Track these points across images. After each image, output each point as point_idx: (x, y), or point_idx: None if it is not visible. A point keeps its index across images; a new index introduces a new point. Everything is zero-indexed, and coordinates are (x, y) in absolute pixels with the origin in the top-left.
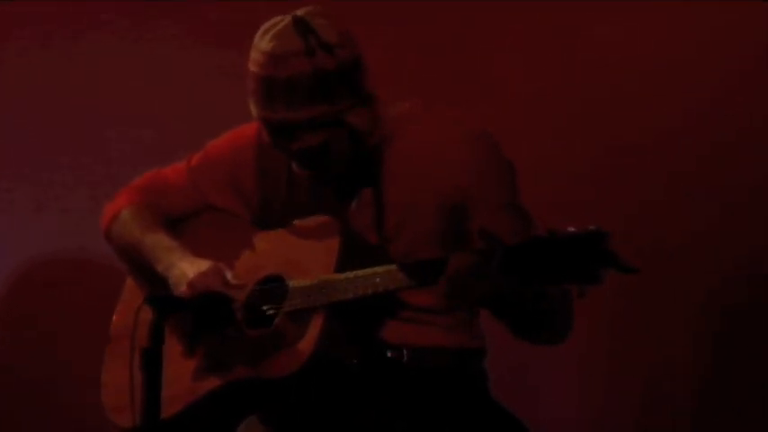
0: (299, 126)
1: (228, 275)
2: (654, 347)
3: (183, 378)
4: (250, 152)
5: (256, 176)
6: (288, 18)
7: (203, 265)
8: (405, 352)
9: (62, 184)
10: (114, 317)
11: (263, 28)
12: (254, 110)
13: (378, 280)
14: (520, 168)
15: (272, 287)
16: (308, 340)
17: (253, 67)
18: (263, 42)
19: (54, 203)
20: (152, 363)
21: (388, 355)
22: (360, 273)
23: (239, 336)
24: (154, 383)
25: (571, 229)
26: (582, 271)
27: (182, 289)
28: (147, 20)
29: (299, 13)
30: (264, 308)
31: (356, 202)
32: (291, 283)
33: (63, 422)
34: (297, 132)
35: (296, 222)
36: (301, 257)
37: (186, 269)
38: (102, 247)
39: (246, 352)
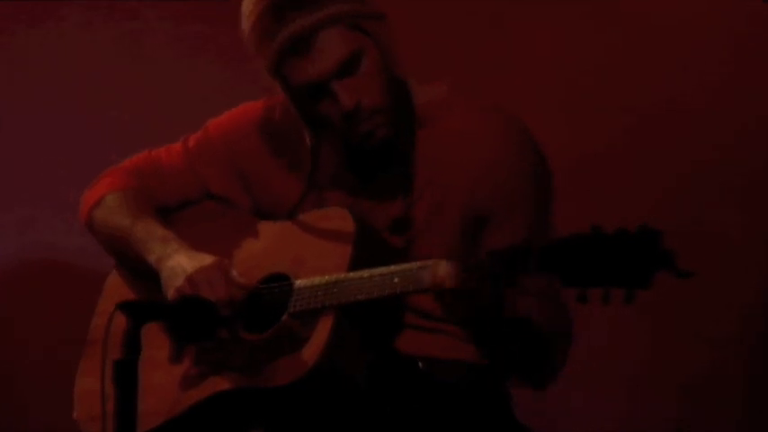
0: (323, 26)
1: (234, 272)
2: (693, 352)
3: (168, 387)
4: (257, 132)
5: (264, 159)
6: None
7: (205, 259)
8: (420, 363)
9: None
10: (94, 318)
11: None
12: (267, 49)
13: (396, 280)
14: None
15: (277, 286)
16: (315, 346)
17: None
18: None
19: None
20: (125, 376)
21: (401, 365)
22: (376, 272)
23: (235, 340)
24: (127, 398)
25: (620, 228)
26: (633, 273)
27: (178, 284)
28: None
29: None
30: (266, 309)
31: (381, 193)
32: (298, 283)
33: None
34: (324, 45)
35: (307, 214)
36: (311, 254)
37: (184, 263)
38: (72, 241)
39: (243, 358)
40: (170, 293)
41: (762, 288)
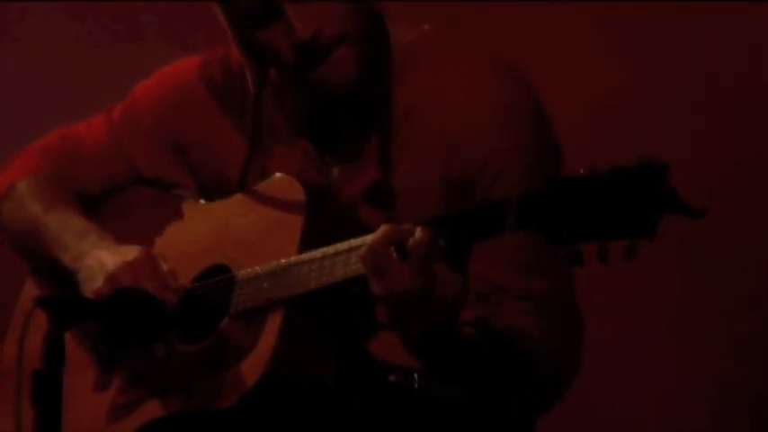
0: None
1: (165, 267)
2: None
3: (94, 419)
4: (193, 95)
5: (203, 128)
6: None
7: (129, 252)
8: (415, 377)
9: None
10: (4, 347)
11: None
12: None
13: (354, 258)
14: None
15: (215, 282)
16: (261, 353)
17: None
18: None
19: None
20: (46, 392)
21: (391, 379)
22: (331, 250)
23: (171, 353)
24: (49, 419)
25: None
26: (635, 218)
27: (96, 285)
28: None
29: None
30: (205, 312)
31: (348, 155)
32: (241, 274)
33: None
34: None
35: (250, 189)
36: (255, 236)
37: (104, 258)
38: None
39: (180, 375)
40: (88, 293)
41: None
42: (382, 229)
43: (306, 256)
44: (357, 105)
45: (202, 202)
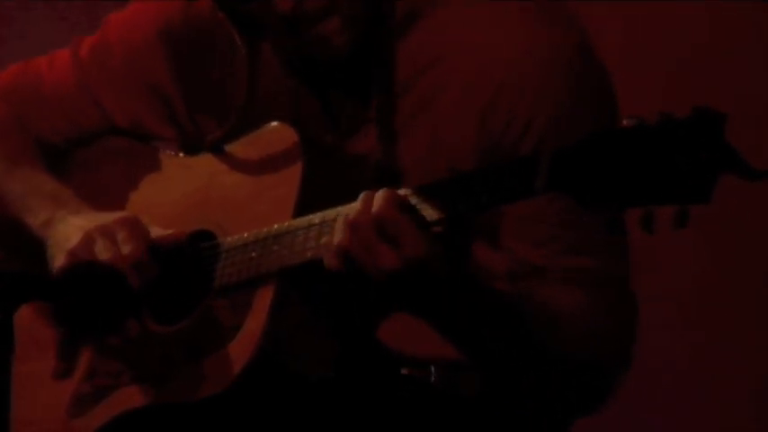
0: None
1: (153, 231)
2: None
3: (53, 413)
4: (178, 30)
5: (186, 69)
6: None
7: (114, 214)
8: (432, 369)
9: None
10: None
11: None
12: None
13: None
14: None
15: (197, 250)
16: (248, 334)
17: None
18: None
19: None
20: None
21: (404, 372)
22: (330, 214)
23: (143, 334)
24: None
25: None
26: (689, 179)
27: (71, 245)
28: None
29: None
30: (184, 286)
31: (348, 126)
32: (227, 242)
33: None
34: None
35: (237, 142)
36: (244, 196)
37: (82, 223)
38: None
39: (155, 361)
40: (58, 262)
41: None
42: (382, 194)
43: (302, 221)
44: (355, 67)
45: (182, 155)
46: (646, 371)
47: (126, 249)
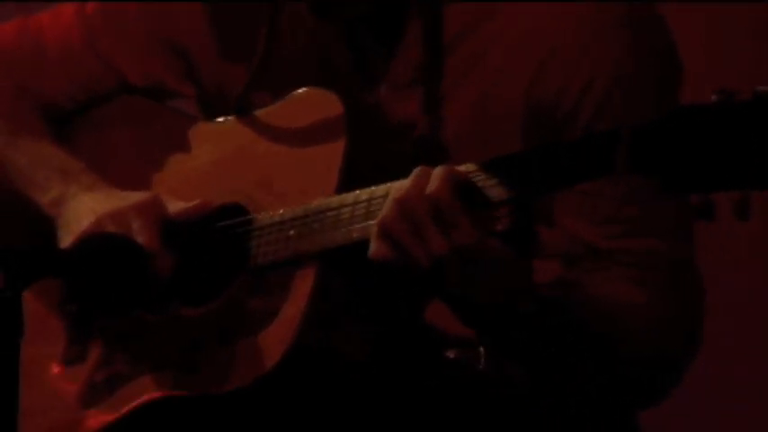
0: None
1: (173, 207)
2: None
3: (60, 398)
4: None
5: (209, 21)
6: None
7: (131, 197)
8: (481, 352)
9: None
10: None
11: None
12: None
13: None
14: None
15: (227, 226)
16: (286, 320)
17: None
18: None
19: None
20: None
21: (450, 356)
22: (379, 189)
23: (167, 317)
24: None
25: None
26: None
27: (82, 227)
28: None
29: None
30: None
31: (385, 94)
32: (261, 218)
33: None
34: None
35: (273, 104)
36: (280, 168)
37: (95, 205)
38: None
39: (179, 347)
40: (67, 245)
41: None
42: (440, 172)
43: (347, 196)
44: (389, 27)
45: (209, 117)
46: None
47: (140, 240)
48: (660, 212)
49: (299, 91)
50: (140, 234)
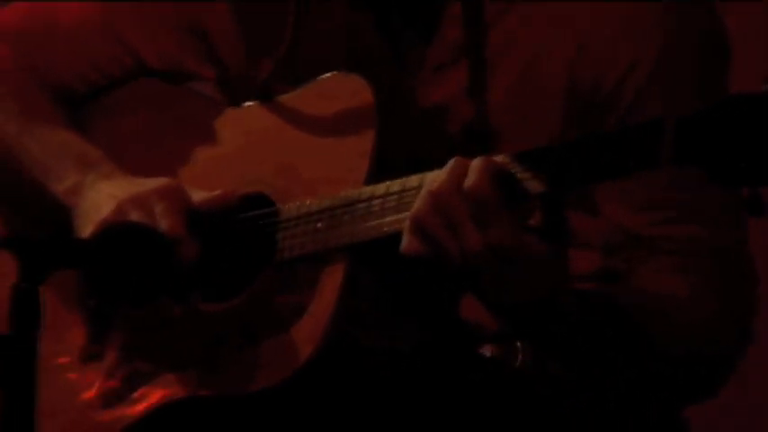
0: None
1: (195, 196)
2: None
3: (78, 397)
4: None
5: (232, 5)
6: None
7: (152, 182)
8: (519, 347)
9: None
10: None
11: None
12: None
13: None
14: None
15: (251, 217)
16: (315, 317)
17: None
18: None
19: None
20: (16, 363)
21: (485, 352)
22: (412, 180)
23: (189, 312)
24: (22, 403)
25: None
26: None
27: (102, 215)
28: None
29: None
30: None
31: (426, 74)
32: (286, 209)
33: None
34: None
35: (298, 89)
36: (306, 157)
37: (116, 191)
38: None
39: (202, 344)
40: (87, 233)
41: None
42: (478, 164)
43: (377, 187)
44: (419, 7)
45: (230, 103)
46: None
47: (164, 225)
48: (704, 199)
49: (326, 75)
50: (164, 218)
